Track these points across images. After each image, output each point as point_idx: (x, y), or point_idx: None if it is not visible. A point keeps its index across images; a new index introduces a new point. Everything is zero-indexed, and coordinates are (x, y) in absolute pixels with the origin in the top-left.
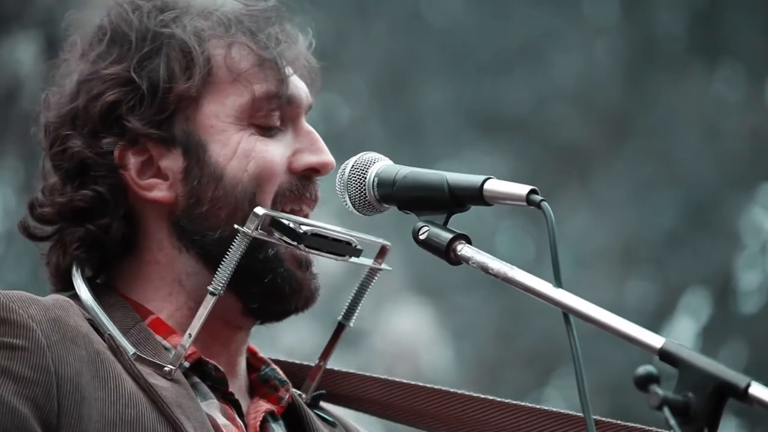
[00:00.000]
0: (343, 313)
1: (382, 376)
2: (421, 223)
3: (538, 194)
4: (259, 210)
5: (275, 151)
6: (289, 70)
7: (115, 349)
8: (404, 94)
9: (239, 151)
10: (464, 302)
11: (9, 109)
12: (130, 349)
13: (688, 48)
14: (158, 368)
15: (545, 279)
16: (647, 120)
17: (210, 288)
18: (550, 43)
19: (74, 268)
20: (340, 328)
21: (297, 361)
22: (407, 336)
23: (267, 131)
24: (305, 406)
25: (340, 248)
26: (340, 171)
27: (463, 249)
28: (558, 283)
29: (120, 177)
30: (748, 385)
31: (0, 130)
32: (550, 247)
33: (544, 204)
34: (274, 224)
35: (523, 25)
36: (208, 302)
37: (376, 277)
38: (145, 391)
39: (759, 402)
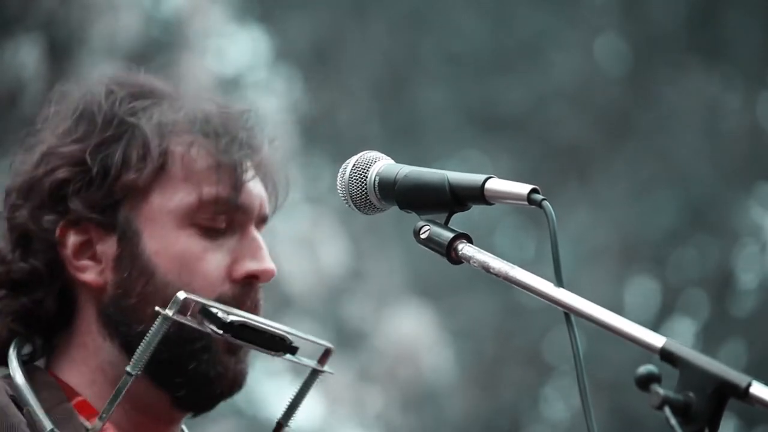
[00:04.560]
0: (282, 414)
1: None
2: (422, 223)
3: (539, 193)
4: (181, 294)
5: (212, 260)
6: (248, 176)
7: (33, 426)
8: (403, 93)
9: (174, 251)
10: (465, 303)
11: (11, 111)
12: (48, 426)
13: (687, 47)
14: None
15: (545, 278)
16: (646, 119)
17: (127, 368)
18: (549, 42)
19: (12, 346)
20: (279, 427)
21: None
22: (408, 337)
23: (209, 234)
24: None
25: (273, 343)
26: (341, 170)
27: (464, 248)
28: (559, 282)
29: (58, 254)
30: (749, 385)
31: (2, 132)
32: (551, 246)
33: (546, 203)
34: (203, 311)
35: (522, 25)
36: (126, 382)
37: (317, 379)
38: None
39: (760, 402)
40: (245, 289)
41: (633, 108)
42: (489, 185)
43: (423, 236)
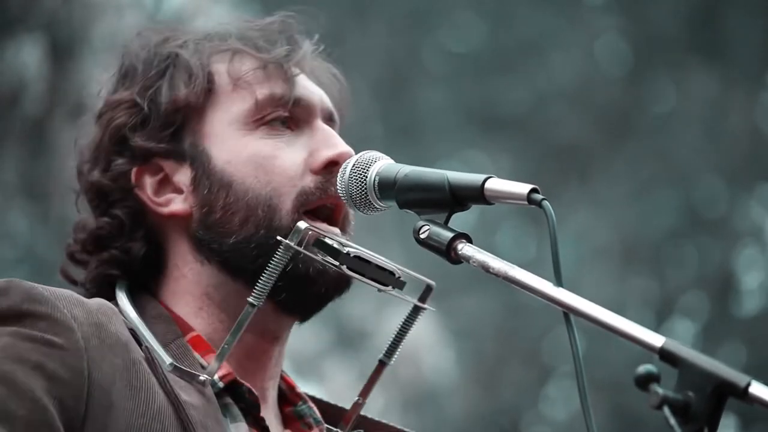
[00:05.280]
0: (384, 352)
1: None
2: (421, 222)
3: (539, 193)
4: (302, 224)
5: (286, 156)
6: (296, 70)
7: (151, 362)
8: (404, 93)
9: (244, 156)
10: (465, 303)
11: (13, 111)
12: (167, 359)
13: (687, 47)
14: (193, 378)
15: (546, 278)
16: (647, 119)
17: (249, 299)
18: (549, 42)
19: (117, 287)
20: (381, 366)
21: (333, 402)
22: (409, 337)
23: (277, 134)
24: None
25: (383, 277)
26: (340, 170)
27: (464, 248)
28: (558, 282)
29: (137, 198)
30: (748, 384)
31: (3, 132)
32: (551, 246)
33: (545, 203)
34: (316, 242)
35: (522, 25)
36: (248, 314)
37: (418, 317)
38: (174, 406)
39: (759, 401)
40: (327, 177)
41: (633, 108)
42: (489, 185)
43: (422, 236)
